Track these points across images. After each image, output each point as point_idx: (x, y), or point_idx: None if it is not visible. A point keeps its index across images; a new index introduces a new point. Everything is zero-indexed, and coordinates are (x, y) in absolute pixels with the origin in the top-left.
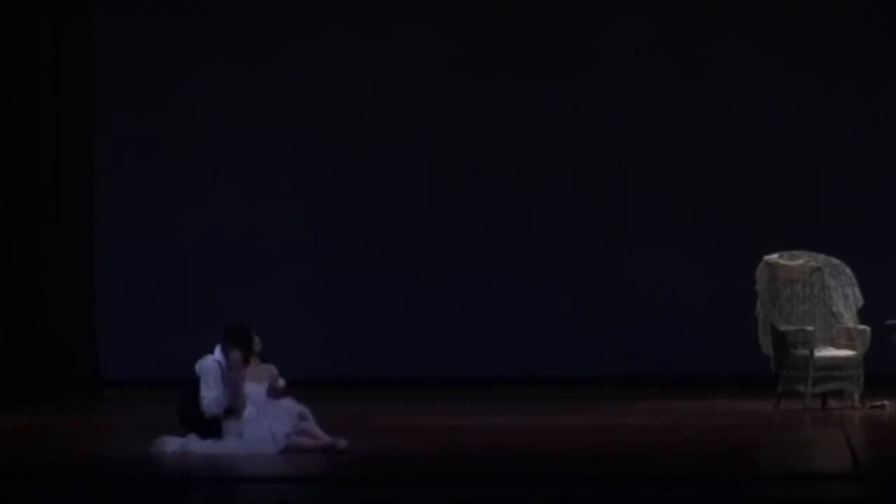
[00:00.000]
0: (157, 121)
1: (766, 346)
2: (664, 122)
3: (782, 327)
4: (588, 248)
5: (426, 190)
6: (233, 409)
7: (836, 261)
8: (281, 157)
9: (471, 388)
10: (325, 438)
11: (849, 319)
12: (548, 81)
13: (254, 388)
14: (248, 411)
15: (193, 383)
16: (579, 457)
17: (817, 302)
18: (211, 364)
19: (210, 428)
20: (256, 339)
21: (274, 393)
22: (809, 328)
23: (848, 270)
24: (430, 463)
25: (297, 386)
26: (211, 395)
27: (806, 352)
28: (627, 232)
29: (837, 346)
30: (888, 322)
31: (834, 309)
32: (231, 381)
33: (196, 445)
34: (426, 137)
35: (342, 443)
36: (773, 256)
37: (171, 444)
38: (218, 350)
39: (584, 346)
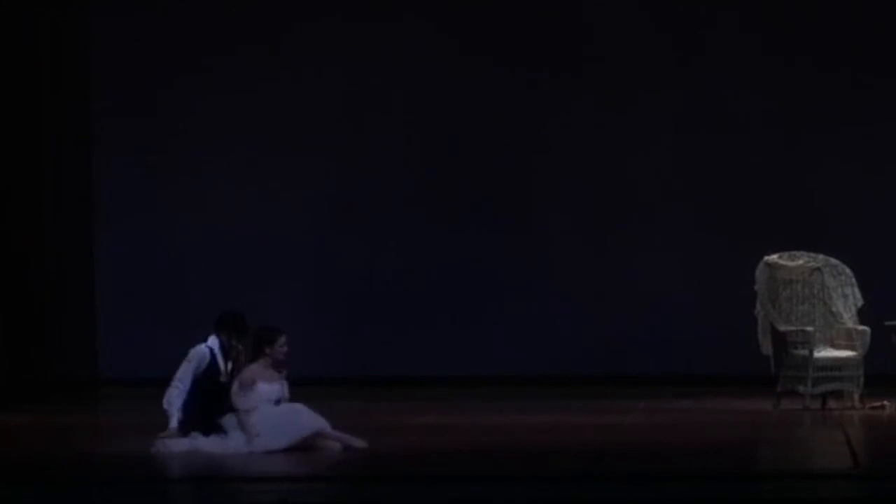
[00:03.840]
0: (157, 121)
1: (766, 347)
2: (665, 122)
3: (782, 327)
4: (588, 248)
5: (426, 190)
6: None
7: (835, 261)
8: (280, 157)
9: (471, 387)
10: (344, 438)
11: (848, 320)
12: (549, 81)
13: (265, 388)
14: (258, 410)
15: (197, 383)
16: (579, 456)
17: (817, 302)
18: (202, 351)
19: (213, 426)
20: (284, 349)
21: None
22: (809, 328)
23: (847, 270)
24: (429, 462)
25: (298, 385)
26: (178, 386)
27: (805, 352)
28: (628, 232)
29: (837, 347)
30: (888, 323)
31: (833, 309)
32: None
33: (202, 443)
34: (425, 138)
35: (360, 442)
36: (773, 257)
37: (178, 444)
38: (212, 337)
39: (584, 346)
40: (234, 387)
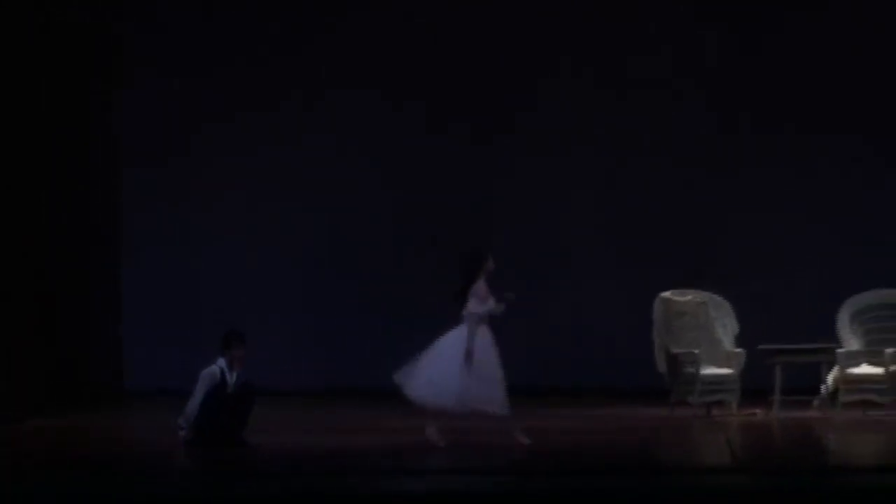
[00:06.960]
0: (178, 167)
1: (662, 366)
2: (593, 176)
3: (674, 350)
4: (528, 283)
5: (403, 234)
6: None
7: (718, 297)
8: (283, 201)
9: None
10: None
11: (728, 344)
12: (494, 138)
13: (490, 303)
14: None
15: (208, 395)
16: (532, 454)
17: (702, 330)
18: (212, 372)
19: (227, 437)
20: (493, 265)
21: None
22: (696, 351)
23: (727, 304)
24: (427, 461)
25: (304, 395)
26: (192, 408)
27: (693, 370)
28: (560, 269)
29: (719, 366)
30: (760, 347)
31: (716, 335)
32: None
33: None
34: (394, 194)
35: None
36: (667, 293)
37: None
38: (220, 359)
39: (520, 361)
40: (471, 303)
